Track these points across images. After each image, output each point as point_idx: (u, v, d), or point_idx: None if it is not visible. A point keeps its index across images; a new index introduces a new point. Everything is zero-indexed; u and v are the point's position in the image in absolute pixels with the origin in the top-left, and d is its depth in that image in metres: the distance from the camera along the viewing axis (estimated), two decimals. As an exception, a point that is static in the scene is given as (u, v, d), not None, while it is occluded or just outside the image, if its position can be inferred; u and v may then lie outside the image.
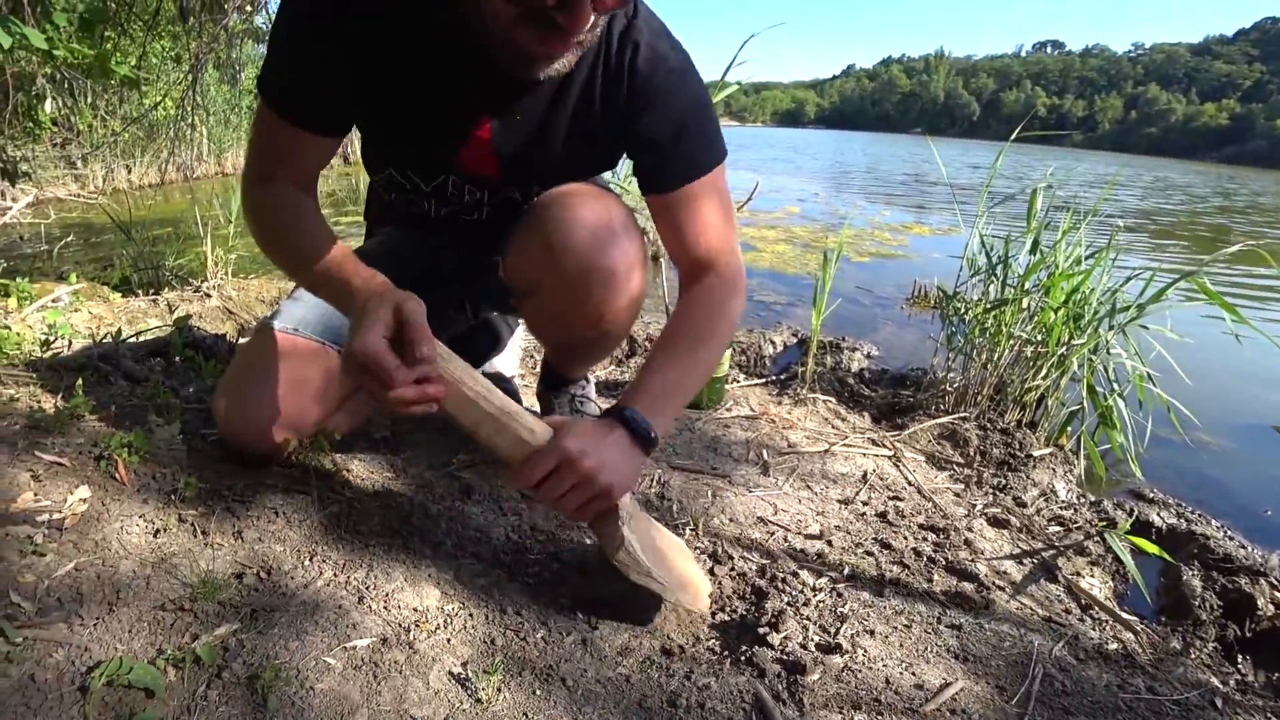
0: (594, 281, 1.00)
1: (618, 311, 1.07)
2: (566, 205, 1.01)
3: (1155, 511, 1.70)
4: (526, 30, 0.80)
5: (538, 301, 1.10)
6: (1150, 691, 0.97)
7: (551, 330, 1.15)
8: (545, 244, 1.00)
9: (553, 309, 1.07)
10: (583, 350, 1.24)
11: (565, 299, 1.03)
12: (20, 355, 1.45)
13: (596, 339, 1.13)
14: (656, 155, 1.01)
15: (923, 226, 6.60)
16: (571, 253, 0.99)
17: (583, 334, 1.11)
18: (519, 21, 0.79)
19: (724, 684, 0.84)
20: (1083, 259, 2.04)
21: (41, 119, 3.27)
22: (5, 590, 0.76)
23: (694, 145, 1.01)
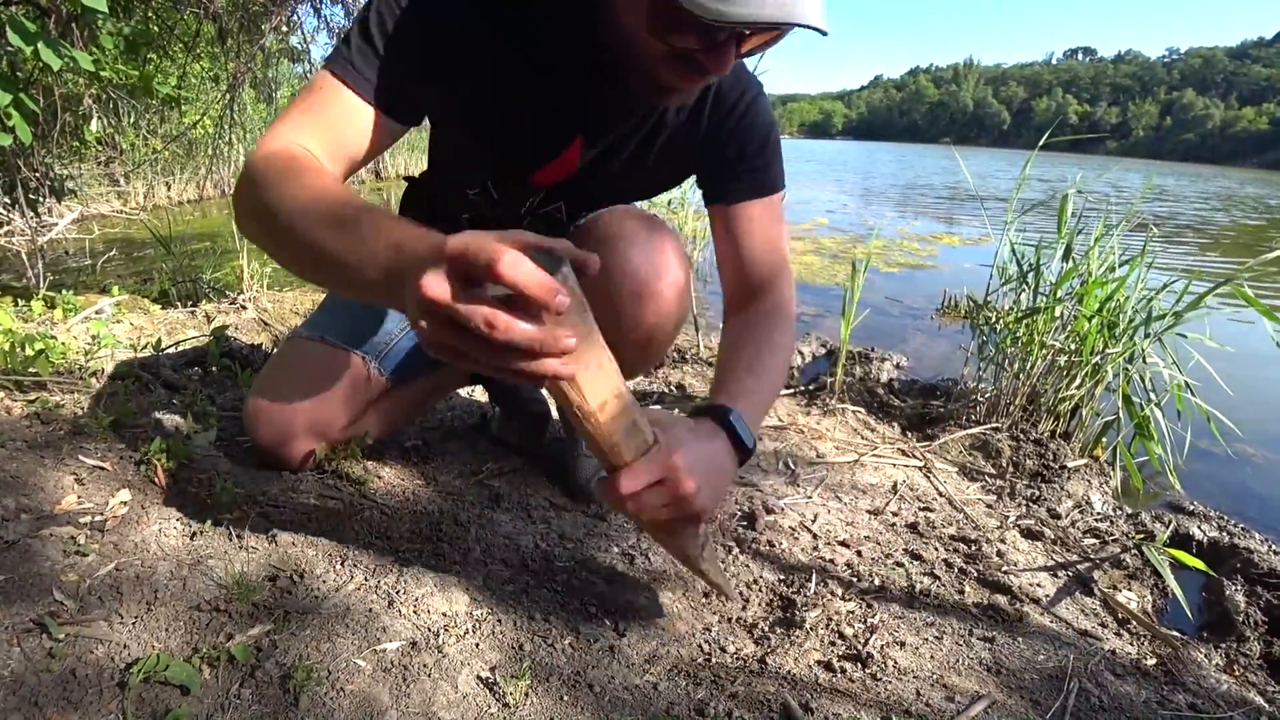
0: (646, 306, 1.00)
1: (666, 336, 1.07)
2: (622, 229, 1.01)
3: (1195, 524, 1.65)
4: (671, 67, 0.81)
5: None
6: (1192, 709, 0.94)
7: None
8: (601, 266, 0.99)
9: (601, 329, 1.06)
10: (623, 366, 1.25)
11: (616, 322, 1.00)
12: (65, 364, 1.50)
13: (637, 360, 1.13)
14: (729, 170, 1.05)
15: (952, 236, 6.52)
16: (629, 278, 0.98)
17: (626, 354, 1.10)
18: (666, 58, 0.80)
19: (752, 693, 0.83)
20: (1116, 265, 2.00)
21: (87, 138, 3.39)
22: (49, 588, 0.79)
23: (764, 165, 1.06)
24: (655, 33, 0.77)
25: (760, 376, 0.97)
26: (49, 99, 2.53)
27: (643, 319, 1.00)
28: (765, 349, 1.00)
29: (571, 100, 0.98)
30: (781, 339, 1.02)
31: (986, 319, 2.15)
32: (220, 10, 2.83)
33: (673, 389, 2.01)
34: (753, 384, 0.95)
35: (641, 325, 1.00)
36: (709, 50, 0.77)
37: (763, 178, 1.07)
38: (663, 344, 1.09)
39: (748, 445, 0.88)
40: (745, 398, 0.92)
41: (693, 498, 0.78)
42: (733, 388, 0.94)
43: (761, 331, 1.02)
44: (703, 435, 0.84)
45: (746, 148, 1.04)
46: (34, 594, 0.78)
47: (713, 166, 1.07)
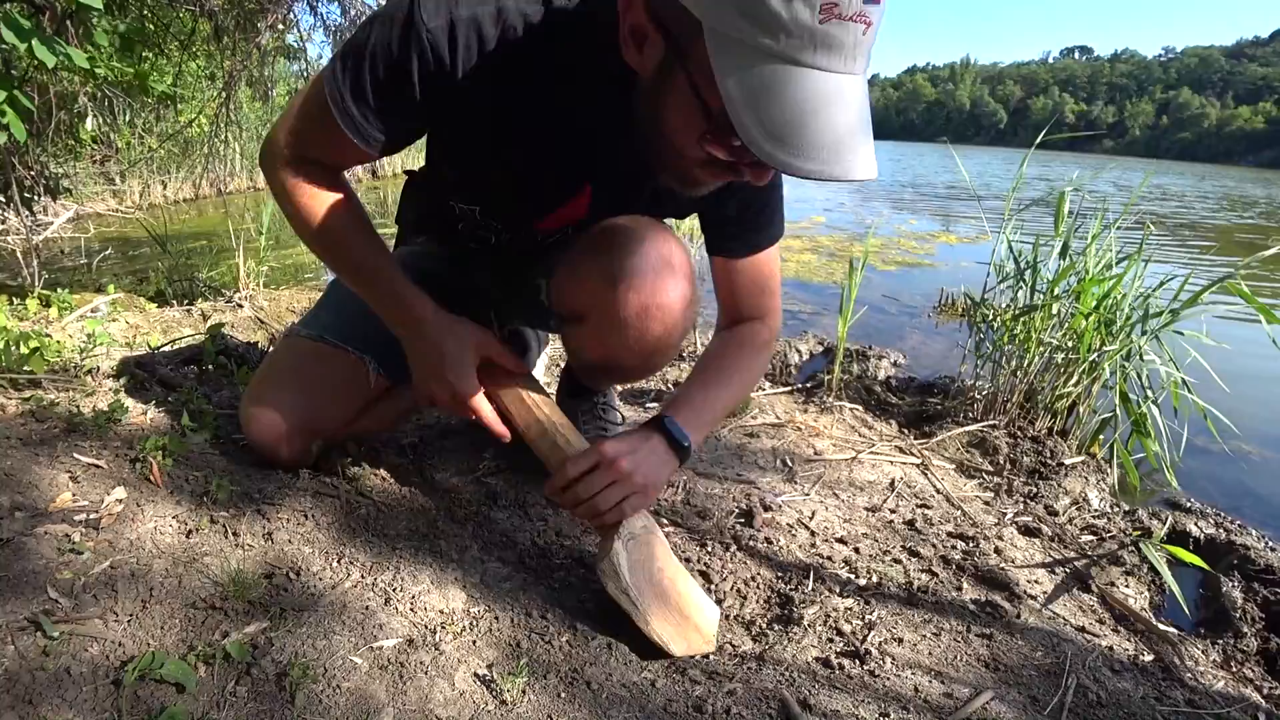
0: (653, 319, 0.99)
1: (670, 347, 1.07)
2: (628, 237, 0.99)
3: (1193, 521, 1.66)
4: (707, 169, 0.80)
5: (587, 329, 1.07)
6: (1190, 705, 0.95)
7: (597, 357, 1.11)
8: (607, 277, 0.97)
9: (604, 339, 1.04)
10: (620, 375, 1.25)
11: (621, 333, 1.01)
12: (60, 362, 1.49)
13: (639, 367, 1.14)
14: (732, 226, 1.07)
15: (950, 235, 6.52)
16: (634, 290, 0.96)
17: (628, 363, 1.10)
18: (704, 162, 0.79)
19: (750, 690, 0.83)
20: (1114, 263, 2.00)
21: (83, 136, 3.37)
22: (43, 586, 0.78)
23: (767, 220, 1.08)
24: (702, 142, 0.75)
25: (710, 391, 1.07)
26: (44, 97, 2.52)
27: (649, 330, 0.99)
28: (724, 370, 1.09)
29: (585, 154, 0.98)
30: (749, 362, 1.12)
31: (984, 316, 2.15)
32: (216, 8, 2.82)
33: (670, 387, 2.01)
34: (700, 397, 1.05)
35: (647, 336, 1.00)
36: (754, 166, 0.77)
37: (762, 235, 1.09)
38: (667, 354, 1.09)
39: (683, 444, 0.99)
40: (686, 408, 1.03)
41: (629, 473, 0.92)
42: (678, 400, 1.05)
43: (729, 355, 1.11)
44: (636, 435, 0.98)
45: (750, 204, 1.05)
46: (28, 592, 0.77)
47: (715, 220, 1.09)
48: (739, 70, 0.66)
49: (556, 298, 1.13)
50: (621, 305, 0.97)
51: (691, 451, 1.00)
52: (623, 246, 0.98)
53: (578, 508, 0.94)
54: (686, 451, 0.99)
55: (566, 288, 1.09)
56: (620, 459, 0.93)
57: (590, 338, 1.07)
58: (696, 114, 0.73)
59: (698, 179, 0.82)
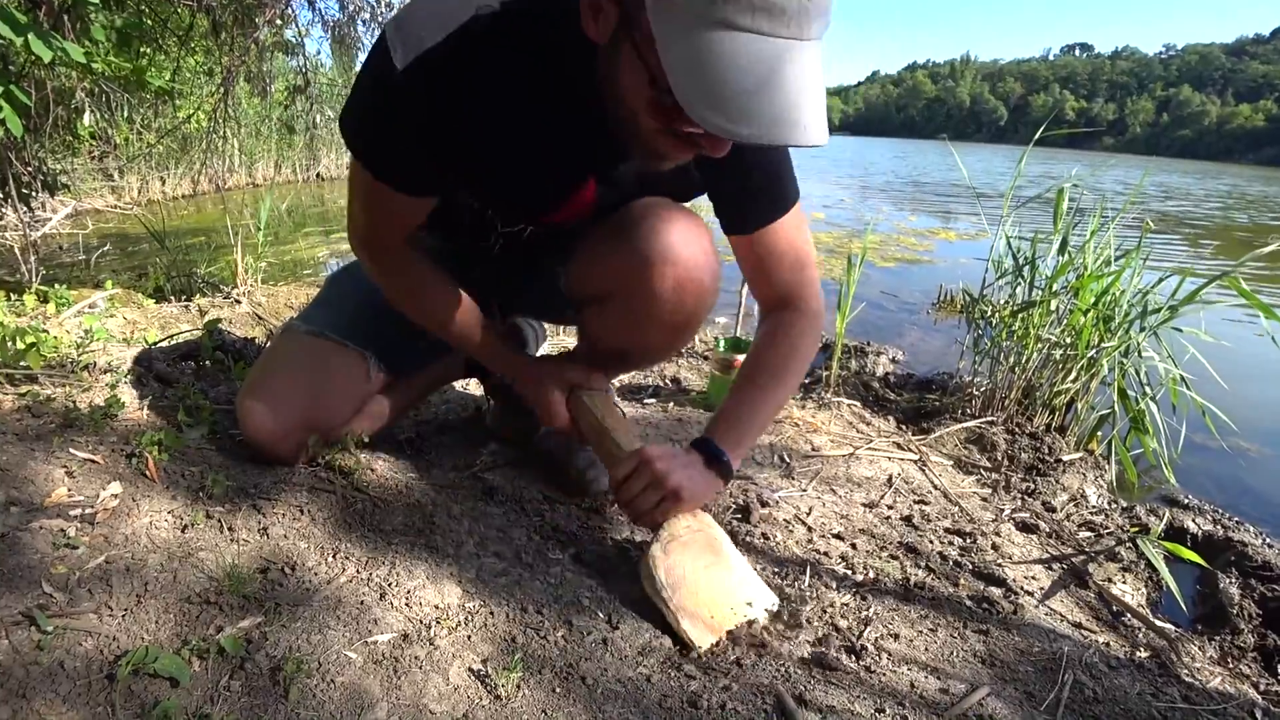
0: (688, 293, 1.03)
1: (698, 323, 1.12)
2: (657, 216, 1.02)
3: (1190, 518, 1.66)
4: (666, 140, 0.80)
5: (613, 310, 1.09)
6: (1186, 701, 0.95)
7: (620, 338, 1.13)
8: (639, 254, 1.01)
9: (633, 317, 1.07)
10: (639, 358, 1.27)
11: (654, 308, 1.03)
12: (57, 358, 1.49)
13: (664, 348, 1.19)
14: (739, 200, 1.04)
15: (949, 231, 6.52)
16: (670, 263, 1.00)
17: (656, 342, 1.14)
18: (662, 133, 0.79)
19: (746, 685, 0.83)
20: (1112, 259, 2.00)
21: (81, 132, 3.36)
22: (38, 581, 0.78)
23: (773, 188, 1.04)
24: (655, 117, 0.76)
25: (750, 410, 1.06)
26: (41, 92, 2.51)
27: (684, 304, 1.04)
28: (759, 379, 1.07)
29: (577, 146, 0.96)
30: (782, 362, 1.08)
31: (982, 313, 2.15)
32: (214, 3, 2.81)
33: (668, 382, 2.01)
34: (737, 416, 1.06)
35: (682, 310, 1.05)
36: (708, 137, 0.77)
37: (774, 205, 1.04)
38: (693, 330, 1.14)
39: (720, 458, 1.01)
40: (723, 426, 1.05)
41: (664, 476, 0.96)
42: (718, 422, 1.06)
43: (764, 360, 1.08)
44: (680, 450, 1.02)
45: (752, 175, 1.02)
46: (23, 586, 0.77)
47: (721, 197, 1.06)
48: (678, 36, 0.66)
49: (576, 283, 1.15)
50: (657, 280, 1.01)
51: (732, 467, 1.02)
52: (651, 225, 1.01)
53: (625, 509, 1.01)
54: (726, 467, 1.01)
55: (590, 271, 1.11)
56: (656, 462, 0.97)
57: (617, 318, 1.09)
58: (644, 83, 0.74)
59: (659, 150, 0.82)
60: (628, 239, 1.02)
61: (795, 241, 1.07)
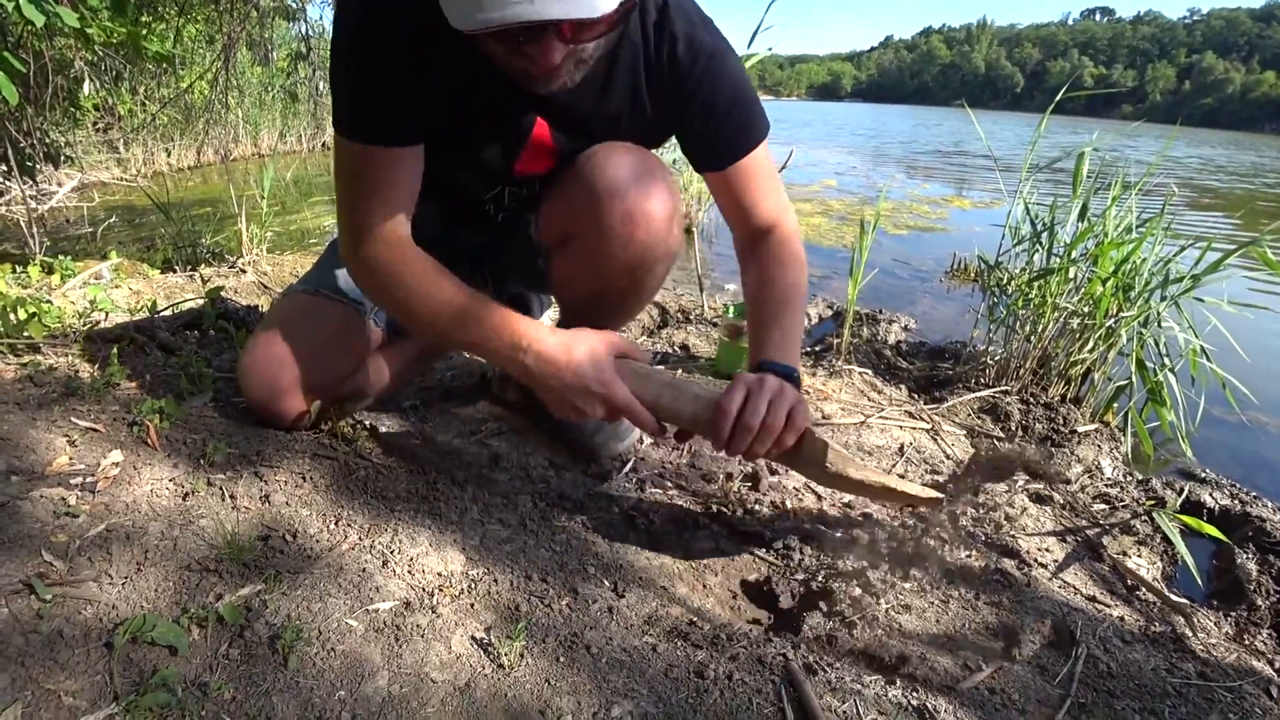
0: (637, 225, 1.03)
1: (654, 260, 1.10)
2: (609, 154, 1.03)
3: (1207, 491, 1.62)
4: (518, 59, 0.81)
5: (572, 252, 1.11)
6: (1201, 677, 0.93)
7: (583, 282, 1.14)
8: (589, 189, 1.02)
9: (590, 257, 1.08)
10: (609, 306, 1.22)
11: (606, 244, 1.04)
12: (60, 328, 1.48)
13: (628, 291, 1.15)
14: (708, 137, 1.06)
15: (963, 199, 6.40)
16: (618, 196, 1.01)
17: (616, 284, 1.12)
18: (509, 54, 0.81)
19: (753, 655, 0.82)
20: (1134, 226, 1.94)
21: (82, 103, 3.33)
22: (38, 549, 0.78)
23: (742, 122, 1.05)
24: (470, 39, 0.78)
25: (784, 325, 1.04)
26: (39, 61, 2.47)
27: (634, 237, 1.03)
28: (773, 297, 1.06)
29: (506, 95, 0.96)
30: (793, 276, 1.08)
31: (998, 280, 2.10)
32: (212, -34, 2.76)
33: (677, 349, 1.98)
34: (778, 334, 1.03)
35: (633, 243, 1.04)
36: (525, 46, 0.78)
37: (741, 135, 1.06)
38: (653, 272, 1.12)
39: (792, 373, 0.97)
40: (769, 347, 1.01)
41: (780, 392, 0.90)
42: (758, 347, 1.03)
43: (771, 282, 1.07)
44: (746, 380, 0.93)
45: (714, 111, 1.02)
46: (23, 555, 0.77)
47: (686, 134, 1.08)
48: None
49: (545, 227, 1.16)
50: (605, 212, 1.01)
51: (801, 381, 1.00)
52: (603, 162, 1.02)
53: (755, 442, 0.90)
54: (798, 380, 0.97)
55: (553, 212, 1.12)
56: (765, 381, 0.91)
57: (577, 258, 1.10)
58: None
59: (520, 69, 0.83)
60: (582, 177, 1.03)
61: (767, 171, 1.09)
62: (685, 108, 1.03)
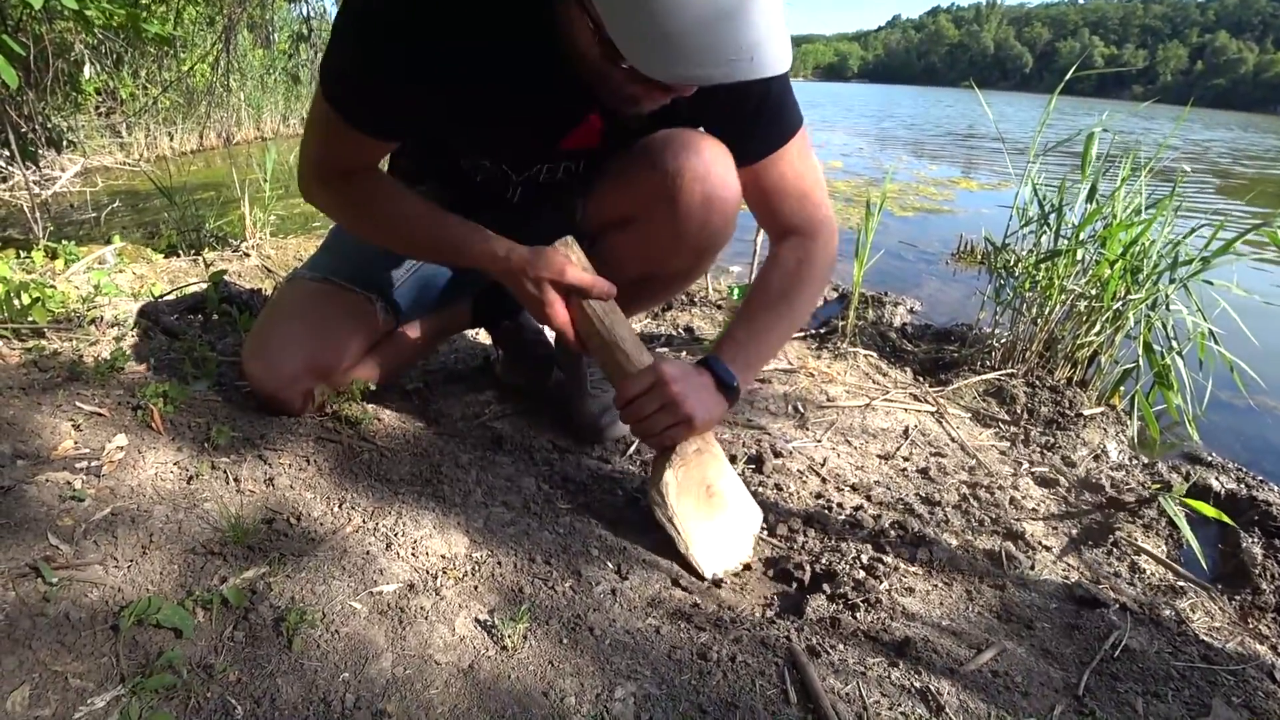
0: (715, 211, 1.02)
1: (719, 246, 1.10)
2: (688, 139, 1.01)
3: (1214, 476, 1.61)
4: (636, 86, 0.80)
5: (635, 233, 1.09)
6: (1205, 661, 0.92)
7: (639, 264, 1.12)
8: (670, 172, 0.99)
9: (657, 238, 1.06)
10: (656, 289, 1.25)
11: (681, 225, 1.03)
12: (64, 312, 1.48)
13: (681, 274, 1.18)
14: (739, 126, 1.01)
15: (970, 181, 6.34)
16: (699, 179, 0.99)
17: (676, 265, 1.14)
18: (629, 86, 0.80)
19: (757, 638, 0.82)
20: (1143, 208, 1.92)
21: (84, 87, 3.31)
22: (44, 533, 0.78)
23: (775, 114, 1.02)
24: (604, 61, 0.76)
25: (755, 325, 1.02)
26: (39, 45, 2.46)
27: (711, 222, 1.02)
28: (769, 301, 1.04)
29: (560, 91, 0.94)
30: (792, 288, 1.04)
31: (1004, 262, 2.08)
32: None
33: (680, 331, 1.97)
34: (745, 334, 1.02)
35: (708, 228, 1.03)
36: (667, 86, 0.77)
37: (775, 126, 1.02)
38: (716, 252, 1.13)
39: (730, 384, 0.97)
40: (731, 346, 1.00)
41: (679, 399, 0.92)
42: (724, 339, 1.02)
43: (773, 284, 1.05)
44: (692, 367, 0.97)
45: (748, 100, 0.99)
46: (29, 538, 0.77)
47: (718, 125, 1.03)
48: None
49: (595, 212, 1.14)
50: (685, 195, 0.99)
51: (739, 391, 0.98)
52: (680, 145, 1.00)
53: (634, 427, 0.97)
54: (735, 392, 0.97)
55: (611, 196, 1.10)
56: (672, 384, 0.92)
57: (640, 242, 1.09)
58: (590, 30, 0.74)
59: (630, 96, 0.82)
60: (654, 160, 1.01)
61: (802, 169, 1.05)
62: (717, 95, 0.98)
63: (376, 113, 0.93)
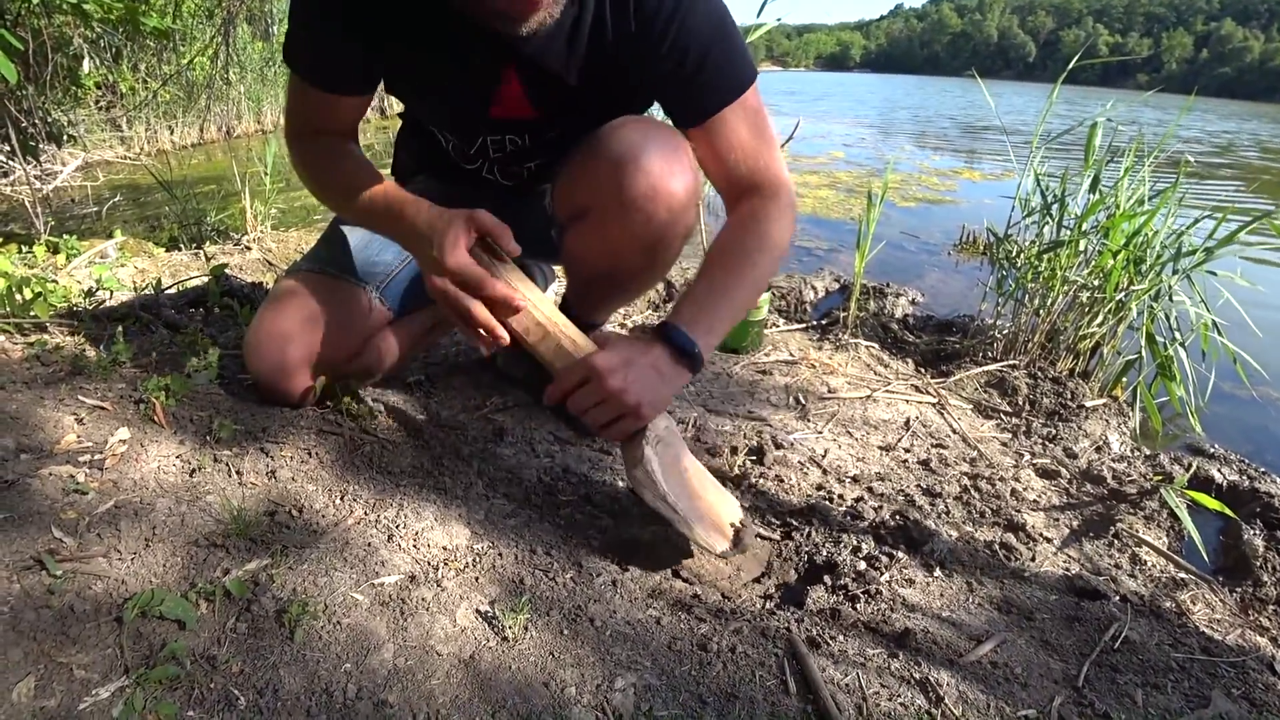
0: (660, 204, 0.99)
1: (673, 238, 1.06)
2: (635, 130, 1.00)
3: (1216, 467, 1.61)
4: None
5: (589, 225, 1.07)
6: (1205, 653, 0.93)
7: (597, 257, 1.11)
8: (613, 164, 0.98)
9: (607, 231, 1.05)
10: (621, 283, 1.20)
11: (626, 220, 1.01)
12: (66, 307, 1.48)
13: (642, 268, 1.13)
14: (682, 86, 0.97)
15: (973, 171, 6.32)
16: (642, 171, 0.97)
17: (632, 262, 1.10)
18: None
19: (757, 629, 0.82)
20: (1146, 199, 1.91)
21: (83, 80, 3.31)
22: (48, 526, 0.78)
23: (720, 70, 0.96)
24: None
25: (714, 284, 0.96)
26: (38, 39, 2.45)
27: (656, 214, 1.00)
28: (727, 260, 0.97)
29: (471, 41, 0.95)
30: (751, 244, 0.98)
31: (1007, 253, 2.07)
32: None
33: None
34: (704, 291, 0.95)
35: (654, 221, 1.01)
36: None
37: (721, 81, 0.97)
38: (671, 248, 1.09)
39: (690, 351, 0.90)
40: (689, 307, 0.94)
41: (619, 392, 0.84)
42: (680, 302, 0.96)
43: (732, 242, 0.99)
44: (637, 344, 0.90)
45: (686, 57, 0.94)
46: (34, 532, 0.77)
47: (660, 83, 1.00)
48: None
49: (562, 198, 1.13)
50: (629, 186, 0.97)
51: (701, 357, 0.91)
52: (629, 136, 0.99)
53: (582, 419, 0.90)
54: (696, 359, 0.90)
55: (572, 184, 1.09)
56: (608, 376, 0.85)
57: (594, 232, 1.07)
58: None
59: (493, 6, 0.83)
60: (604, 149, 1.00)
61: (750, 127, 1.00)
62: (653, 52, 0.95)
63: (321, 67, 0.99)
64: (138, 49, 3.13)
